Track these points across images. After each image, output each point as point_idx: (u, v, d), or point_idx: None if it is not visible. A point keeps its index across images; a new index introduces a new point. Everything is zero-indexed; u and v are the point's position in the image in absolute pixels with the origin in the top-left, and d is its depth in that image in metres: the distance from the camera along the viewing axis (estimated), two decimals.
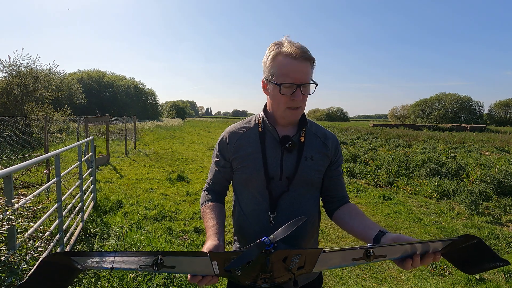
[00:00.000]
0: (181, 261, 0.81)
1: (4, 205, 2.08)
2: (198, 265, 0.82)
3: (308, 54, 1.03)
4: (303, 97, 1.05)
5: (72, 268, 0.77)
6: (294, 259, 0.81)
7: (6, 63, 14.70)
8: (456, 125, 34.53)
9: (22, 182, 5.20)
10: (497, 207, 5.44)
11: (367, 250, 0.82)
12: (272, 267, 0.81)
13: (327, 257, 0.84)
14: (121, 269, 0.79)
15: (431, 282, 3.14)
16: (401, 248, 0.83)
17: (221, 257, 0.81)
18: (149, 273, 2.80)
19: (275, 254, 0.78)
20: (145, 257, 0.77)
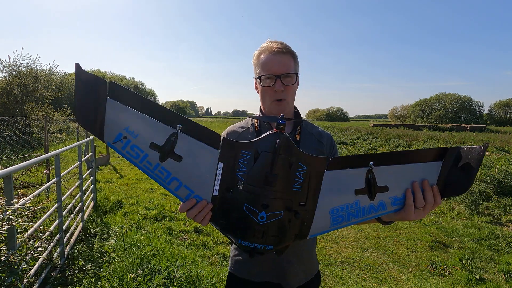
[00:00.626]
0: (191, 150, 0.81)
1: (4, 205, 2.08)
2: (205, 159, 0.81)
3: (286, 48, 1.10)
4: (286, 88, 1.09)
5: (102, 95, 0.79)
6: (298, 172, 0.80)
7: (6, 63, 14.70)
8: (456, 125, 34.53)
9: (22, 182, 5.20)
10: (497, 207, 5.44)
11: (369, 172, 0.82)
12: (277, 170, 0.77)
13: (331, 178, 0.82)
14: (129, 134, 0.80)
15: (431, 282, 3.14)
16: (401, 179, 0.83)
17: (231, 147, 0.81)
18: (149, 273, 2.80)
19: (284, 138, 0.78)
20: (164, 124, 0.80)
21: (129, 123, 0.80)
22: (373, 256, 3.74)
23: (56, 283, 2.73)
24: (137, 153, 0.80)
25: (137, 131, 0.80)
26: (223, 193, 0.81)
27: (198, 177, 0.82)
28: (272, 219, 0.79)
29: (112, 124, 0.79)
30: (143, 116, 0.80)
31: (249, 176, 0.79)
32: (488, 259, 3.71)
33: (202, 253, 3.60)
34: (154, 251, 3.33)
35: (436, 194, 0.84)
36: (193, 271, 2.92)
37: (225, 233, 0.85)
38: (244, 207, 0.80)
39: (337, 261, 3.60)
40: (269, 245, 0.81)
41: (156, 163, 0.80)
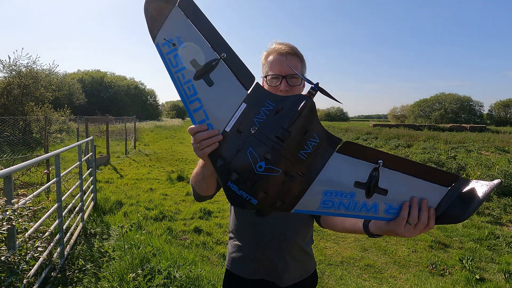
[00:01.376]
0: (224, 81, 0.84)
1: (4, 205, 2.08)
2: (232, 95, 0.84)
3: (293, 51, 1.13)
4: (291, 89, 1.10)
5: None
6: (310, 142, 0.81)
7: (6, 63, 14.71)
8: (456, 125, 34.53)
9: (22, 182, 5.20)
10: (497, 207, 5.44)
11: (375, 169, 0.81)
12: (293, 129, 0.78)
13: (337, 161, 0.82)
14: (179, 44, 0.85)
15: (431, 282, 3.14)
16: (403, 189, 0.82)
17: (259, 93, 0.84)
18: (149, 273, 2.80)
19: (311, 103, 0.81)
20: (212, 48, 0.85)
21: (183, 34, 0.85)
22: (373, 256, 3.74)
23: (56, 283, 2.73)
24: (177, 62, 0.85)
25: (186, 43, 0.85)
26: (234, 132, 0.82)
27: (219, 108, 0.84)
28: (269, 173, 0.79)
29: (169, 28, 0.85)
30: (197, 32, 0.85)
31: (265, 124, 0.81)
32: (488, 259, 3.71)
33: (202, 253, 3.60)
34: (154, 251, 3.33)
35: (431, 217, 0.81)
36: (193, 271, 2.92)
37: (217, 172, 0.84)
38: (247, 151, 0.80)
39: (337, 261, 3.60)
40: (255, 198, 0.80)
41: (189, 79, 0.84)
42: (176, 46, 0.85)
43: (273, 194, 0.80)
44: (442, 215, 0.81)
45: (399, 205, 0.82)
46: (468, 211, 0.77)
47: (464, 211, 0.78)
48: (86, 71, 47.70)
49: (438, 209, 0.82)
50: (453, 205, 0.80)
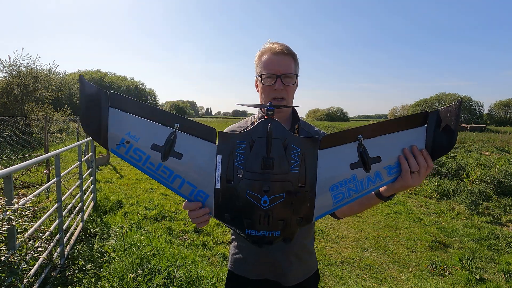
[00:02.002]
0: (190, 147, 0.85)
1: (4, 205, 2.08)
2: (204, 154, 0.85)
3: (287, 50, 1.13)
4: (286, 88, 1.12)
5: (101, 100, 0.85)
6: (293, 154, 0.83)
7: (6, 63, 14.71)
8: None
9: (22, 182, 5.20)
10: (497, 207, 5.44)
11: (359, 145, 0.85)
12: (273, 153, 0.81)
13: (325, 156, 0.85)
14: (131, 138, 0.84)
15: (431, 282, 3.14)
16: (391, 148, 0.87)
17: (227, 139, 0.85)
18: (149, 273, 2.80)
19: (275, 125, 0.83)
20: (162, 126, 0.85)
21: (131, 128, 0.85)
22: (373, 256, 3.74)
23: (56, 283, 2.73)
24: (139, 155, 0.85)
25: (138, 135, 0.85)
26: (224, 184, 0.84)
27: (199, 172, 0.85)
28: (275, 202, 0.81)
29: (115, 131, 0.85)
30: (143, 120, 0.85)
31: (247, 163, 0.83)
32: (488, 259, 3.71)
33: (202, 253, 3.60)
34: (154, 251, 3.33)
35: (426, 157, 0.86)
36: (193, 271, 2.91)
37: (231, 227, 0.87)
38: (246, 194, 0.82)
39: (337, 261, 3.60)
40: (276, 231, 0.83)
41: (158, 163, 0.84)
42: (130, 142, 0.84)
43: (289, 217, 0.83)
44: (434, 149, 0.87)
45: (396, 163, 0.87)
46: (453, 135, 0.83)
47: (449, 136, 0.84)
48: (86, 71, 47.66)
49: (428, 147, 0.87)
50: (437, 137, 0.86)
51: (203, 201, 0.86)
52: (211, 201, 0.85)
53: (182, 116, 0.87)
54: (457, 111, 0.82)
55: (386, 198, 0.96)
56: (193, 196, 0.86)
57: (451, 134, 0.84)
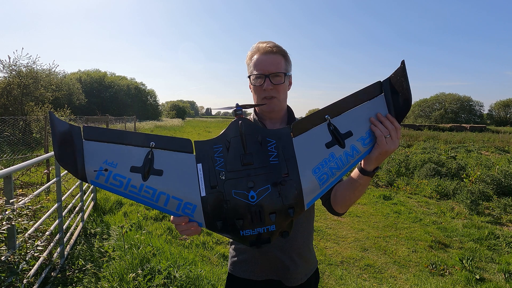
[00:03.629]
0: (169, 162, 0.86)
1: (4, 205, 2.08)
2: (184, 166, 0.86)
3: (276, 48, 1.13)
4: (276, 87, 1.12)
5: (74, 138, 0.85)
6: (270, 146, 0.86)
7: (6, 63, 14.71)
8: (456, 125, 34.51)
9: (22, 182, 5.20)
10: (497, 207, 5.44)
11: (329, 125, 0.90)
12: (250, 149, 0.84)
13: (301, 142, 0.89)
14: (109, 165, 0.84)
15: (431, 282, 3.14)
16: (359, 120, 0.91)
17: (204, 146, 0.87)
18: (149, 273, 2.80)
19: (245, 121, 0.87)
20: (138, 147, 0.86)
21: (107, 156, 0.85)
22: (373, 256, 3.74)
23: (56, 283, 2.73)
24: (120, 181, 0.84)
25: (116, 161, 0.85)
26: (210, 191, 0.84)
27: (182, 185, 0.85)
28: (263, 195, 0.82)
29: (92, 161, 0.84)
30: (118, 146, 0.86)
31: (227, 164, 0.84)
32: (488, 259, 3.71)
33: (202, 253, 3.60)
34: (154, 251, 3.33)
35: (392, 120, 0.91)
36: (193, 271, 2.91)
37: (225, 234, 0.86)
38: (233, 194, 0.83)
39: (337, 261, 3.60)
40: (271, 225, 0.83)
41: (140, 184, 0.84)
42: (109, 169, 0.84)
43: (280, 208, 0.83)
44: (396, 112, 0.92)
45: (367, 133, 0.91)
46: (408, 94, 0.88)
47: (405, 96, 0.89)
48: (86, 71, 47.65)
49: (391, 112, 0.92)
50: (396, 100, 0.91)
51: (191, 212, 0.85)
52: (200, 211, 0.85)
53: (155, 134, 0.89)
54: (403, 71, 0.88)
55: (371, 172, 0.97)
56: (181, 209, 0.85)
57: (406, 94, 0.88)
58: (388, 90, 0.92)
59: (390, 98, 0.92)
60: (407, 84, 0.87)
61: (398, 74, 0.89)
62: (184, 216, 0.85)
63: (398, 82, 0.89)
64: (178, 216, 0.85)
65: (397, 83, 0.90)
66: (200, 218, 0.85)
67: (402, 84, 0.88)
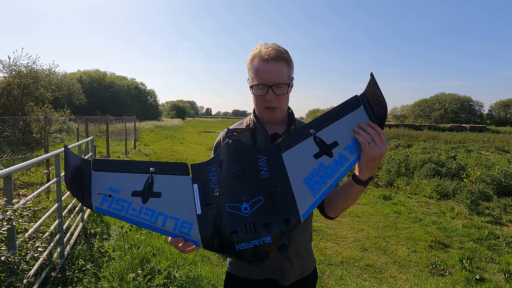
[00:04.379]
0: (167, 184, 0.93)
1: (4, 205, 2.08)
2: (181, 187, 0.93)
3: (279, 55, 1.06)
4: (278, 98, 1.08)
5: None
6: (261, 162, 0.92)
7: (6, 63, 14.71)
8: (456, 125, 34.50)
9: (22, 182, 5.20)
10: (497, 207, 5.44)
11: (315, 138, 0.95)
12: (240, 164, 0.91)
13: (290, 156, 0.94)
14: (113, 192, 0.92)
15: (431, 282, 3.14)
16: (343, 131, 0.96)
17: (199, 167, 0.95)
18: (149, 273, 2.80)
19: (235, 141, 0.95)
20: (140, 174, 0.94)
21: (111, 183, 0.93)
22: (373, 256, 3.74)
23: (56, 283, 2.73)
24: (121, 205, 0.90)
25: (119, 187, 0.92)
26: (205, 208, 0.90)
27: (179, 205, 0.91)
28: (255, 206, 0.86)
29: (98, 189, 0.92)
30: (122, 174, 0.94)
31: (220, 181, 0.90)
32: (488, 259, 3.71)
33: (202, 253, 3.60)
34: (154, 251, 3.33)
35: (375, 126, 0.94)
36: (193, 271, 2.92)
37: (221, 252, 0.88)
38: (226, 207, 0.87)
39: (337, 261, 3.60)
40: (266, 236, 0.84)
41: (140, 207, 0.90)
42: (112, 195, 0.91)
43: (274, 219, 0.86)
44: (377, 118, 0.96)
45: (353, 141, 0.95)
46: (383, 103, 0.93)
47: (381, 105, 0.93)
48: (86, 71, 47.62)
49: (373, 120, 0.96)
50: (374, 108, 0.96)
51: (187, 231, 0.89)
52: (196, 229, 0.89)
53: (155, 161, 0.97)
54: (374, 82, 0.93)
55: (364, 182, 0.98)
56: (178, 229, 0.89)
57: (381, 101, 0.93)
58: (365, 102, 0.97)
59: (369, 108, 0.97)
60: (380, 92, 0.92)
61: (371, 85, 0.95)
62: (179, 237, 0.89)
63: (372, 92, 0.95)
64: (175, 237, 0.89)
65: (371, 93, 0.95)
66: (196, 237, 0.89)
67: (375, 93, 0.94)
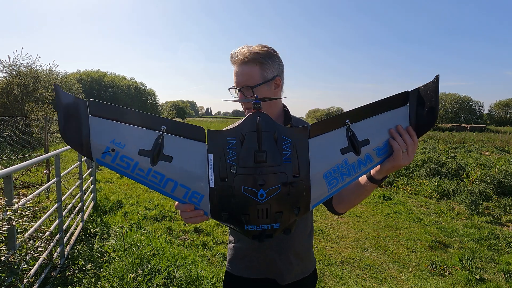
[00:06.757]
0: (179, 148, 0.82)
1: (4, 205, 2.08)
2: (195, 154, 0.82)
3: (249, 56, 1.06)
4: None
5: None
6: (285, 145, 0.82)
7: (6, 63, 14.71)
8: (456, 125, 34.50)
9: (22, 182, 5.20)
10: (497, 207, 5.44)
11: (348, 130, 0.87)
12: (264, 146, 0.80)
13: (316, 144, 0.86)
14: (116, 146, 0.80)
15: (431, 282, 3.14)
16: (378, 129, 0.89)
17: (217, 136, 0.83)
18: (149, 273, 2.80)
19: (263, 116, 0.82)
20: (148, 130, 0.82)
21: (115, 135, 0.81)
22: (373, 256, 3.74)
23: (56, 283, 2.73)
24: (127, 162, 0.81)
25: (124, 141, 0.81)
26: (219, 183, 0.82)
27: (191, 173, 0.83)
28: (272, 195, 0.81)
29: (98, 139, 0.80)
30: (127, 126, 0.81)
31: (239, 159, 0.81)
32: (488, 259, 3.71)
33: (202, 253, 3.60)
34: (154, 251, 3.33)
35: (413, 134, 0.89)
36: (193, 271, 2.92)
37: (229, 225, 0.85)
38: (242, 190, 0.81)
39: (337, 261, 3.60)
40: (276, 223, 0.82)
41: (148, 169, 0.81)
42: (116, 149, 0.81)
43: (287, 208, 0.82)
44: (417, 126, 0.90)
45: (384, 144, 0.89)
46: (434, 111, 0.86)
47: (431, 112, 0.87)
48: (86, 71, 47.63)
49: (412, 124, 0.90)
50: (420, 114, 0.89)
51: (198, 201, 0.84)
52: (207, 201, 0.84)
53: (168, 118, 0.84)
54: (435, 87, 0.85)
55: (379, 181, 0.97)
56: (188, 198, 0.84)
57: (433, 110, 0.87)
58: (414, 101, 0.89)
59: (414, 110, 0.89)
60: (436, 101, 0.85)
61: (429, 88, 0.86)
62: (190, 203, 0.84)
63: (427, 96, 0.87)
64: (183, 203, 0.84)
65: (426, 96, 0.87)
66: (206, 208, 0.84)
67: (431, 99, 0.86)
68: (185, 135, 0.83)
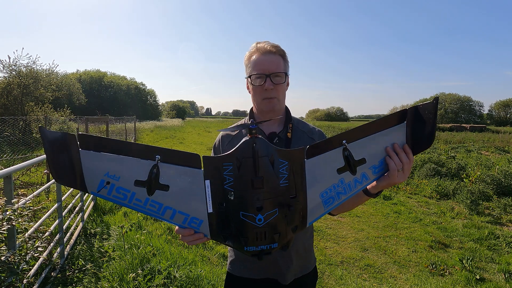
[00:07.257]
0: (175, 177, 0.82)
1: (4, 205, 2.08)
2: (192, 181, 0.82)
3: (275, 48, 1.14)
4: (276, 87, 1.12)
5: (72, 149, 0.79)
6: (281, 168, 0.82)
7: (6, 63, 14.71)
8: (456, 125, 34.50)
9: (22, 182, 5.20)
10: (497, 207, 5.44)
11: (344, 150, 0.87)
12: (261, 172, 0.79)
13: (313, 165, 0.86)
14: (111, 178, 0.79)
15: (431, 282, 3.14)
16: (374, 148, 0.89)
17: (213, 163, 0.82)
18: (149, 273, 2.80)
19: (259, 141, 0.81)
20: (142, 160, 0.80)
21: (108, 168, 0.80)
22: (373, 256, 3.74)
23: (56, 283, 2.73)
24: (124, 194, 0.80)
25: (118, 173, 0.80)
26: (217, 208, 0.83)
27: (189, 200, 0.83)
28: (270, 219, 0.81)
29: (92, 173, 0.79)
30: (120, 157, 0.80)
31: (236, 185, 0.81)
32: (488, 259, 3.71)
33: (202, 253, 3.60)
34: (154, 251, 3.33)
35: (409, 153, 0.89)
36: (193, 271, 2.91)
37: (229, 244, 0.87)
38: (240, 215, 0.81)
39: (337, 261, 3.60)
40: (274, 243, 0.84)
41: (145, 198, 0.81)
42: (111, 182, 0.80)
43: (284, 229, 0.84)
44: (414, 144, 0.90)
45: (380, 162, 0.90)
46: (432, 131, 0.87)
47: (428, 132, 0.88)
48: (86, 71, 47.61)
49: (409, 142, 0.90)
50: (417, 132, 0.89)
51: (197, 226, 0.85)
52: (206, 225, 0.85)
53: (161, 147, 0.83)
54: (434, 109, 0.86)
55: (373, 195, 1.00)
56: (187, 223, 0.84)
57: (430, 130, 0.87)
58: (411, 119, 0.89)
59: (411, 128, 0.89)
60: (434, 122, 0.86)
61: (428, 108, 0.87)
62: (189, 228, 0.85)
63: (426, 116, 0.87)
64: (183, 228, 0.85)
65: (424, 115, 0.87)
66: (205, 231, 0.85)
67: (429, 120, 0.87)
68: (180, 163, 0.83)
